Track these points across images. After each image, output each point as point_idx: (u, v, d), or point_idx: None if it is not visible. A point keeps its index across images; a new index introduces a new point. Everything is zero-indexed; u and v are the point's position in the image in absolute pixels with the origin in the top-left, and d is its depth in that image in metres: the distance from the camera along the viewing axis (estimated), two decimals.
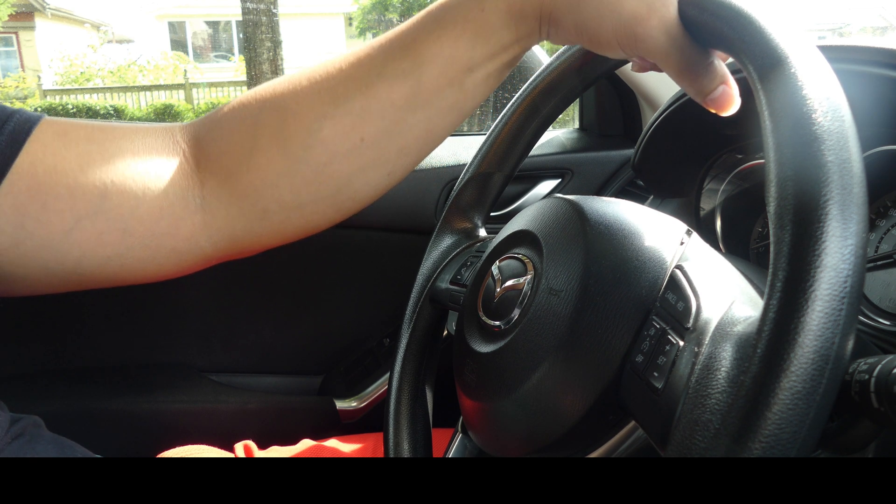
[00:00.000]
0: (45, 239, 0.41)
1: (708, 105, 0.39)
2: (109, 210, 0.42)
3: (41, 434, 0.48)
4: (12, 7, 13.07)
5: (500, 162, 0.56)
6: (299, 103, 0.44)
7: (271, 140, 0.44)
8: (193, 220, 0.45)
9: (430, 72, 0.43)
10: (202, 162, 0.45)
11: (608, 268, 0.37)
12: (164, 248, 0.45)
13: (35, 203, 0.41)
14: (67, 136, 0.43)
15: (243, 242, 0.47)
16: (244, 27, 7.42)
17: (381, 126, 0.44)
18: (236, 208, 0.45)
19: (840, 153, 0.26)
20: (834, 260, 0.24)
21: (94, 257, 0.43)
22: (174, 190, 0.44)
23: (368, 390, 1.03)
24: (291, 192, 0.45)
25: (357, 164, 0.45)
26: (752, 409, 0.24)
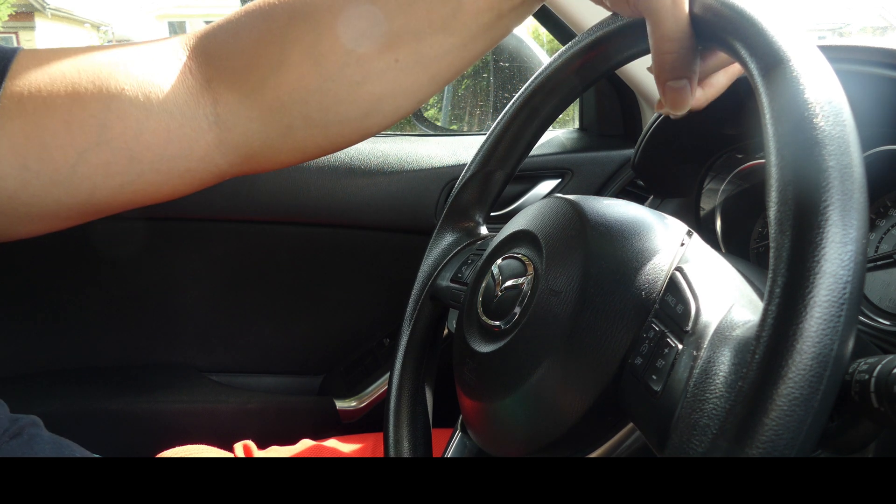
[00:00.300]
0: (52, 176, 0.40)
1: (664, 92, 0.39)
2: (112, 139, 0.41)
3: (39, 434, 0.48)
4: (12, 7, 13.07)
5: (502, 160, 0.56)
6: (336, 18, 0.42)
7: (304, 55, 0.42)
8: (207, 139, 0.43)
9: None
10: (215, 78, 0.43)
11: (608, 268, 0.37)
12: (177, 169, 0.43)
13: (33, 142, 0.39)
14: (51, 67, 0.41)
15: (261, 158, 0.46)
16: None
17: (416, 48, 0.43)
18: (258, 123, 0.44)
19: (841, 158, 0.26)
20: (833, 266, 0.24)
21: (105, 187, 0.42)
22: (181, 110, 0.42)
23: (368, 390, 1.03)
24: (320, 110, 0.44)
25: (389, 87, 0.44)
26: (750, 415, 0.24)
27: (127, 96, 0.41)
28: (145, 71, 0.42)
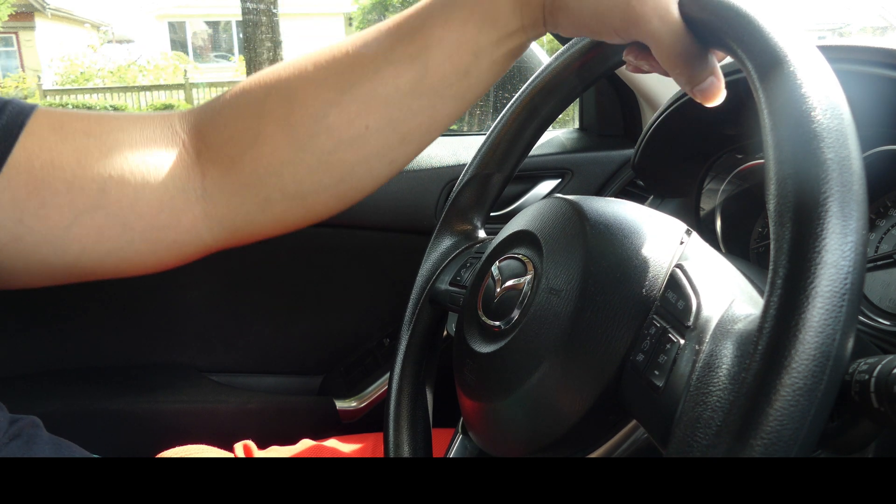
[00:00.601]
0: (45, 234, 0.41)
1: (695, 95, 0.39)
2: (109, 205, 0.42)
3: (39, 435, 0.48)
4: (12, 7, 13.08)
5: (500, 162, 0.56)
6: (306, 90, 0.44)
7: (277, 127, 0.43)
8: (194, 212, 0.44)
9: (437, 56, 0.43)
10: (203, 151, 0.45)
11: (608, 267, 0.37)
12: (165, 240, 0.44)
13: (33, 199, 0.40)
14: (64, 128, 0.42)
15: (244, 232, 0.47)
16: (244, 27, 7.43)
17: (387, 113, 0.44)
18: (238, 198, 0.45)
19: (840, 151, 0.26)
20: (834, 257, 0.24)
21: (95, 251, 0.43)
22: (174, 182, 0.44)
23: (368, 390, 1.03)
24: (295, 181, 0.45)
25: (361, 153, 0.45)
26: (754, 406, 0.24)
27: (128, 164, 0.43)
28: (147, 141, 0.44)
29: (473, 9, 0.42)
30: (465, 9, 0.43)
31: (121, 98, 10.53)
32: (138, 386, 0.99)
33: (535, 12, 0.42)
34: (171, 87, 10.94)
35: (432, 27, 0.43)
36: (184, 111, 0.47)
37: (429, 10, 0.44)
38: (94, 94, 10.73)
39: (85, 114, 0.45)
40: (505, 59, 0.45)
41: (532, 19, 0.43)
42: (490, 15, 0.42)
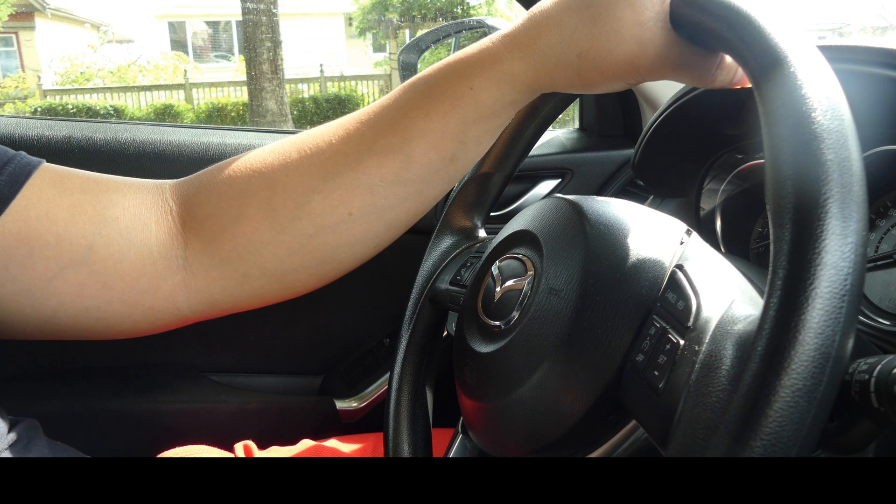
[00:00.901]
0: (27, 284, 0.41)
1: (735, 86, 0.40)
2: (94, 263, 0.42)
3: (37, 439, 0.48)
4: (12, 7, 13.07)
5: (500, 162, 0.56)
6: (289, 176, 0.44)
7: (258, 210, 0.44)
8: (174, 280, 0.45)
9: (420, 147, 0.43)
10: (188, 222, 0.45)
11: (608, 267, 0.37)
12: (142, 305, 0.45)
13: (23, 247, 0.41)
14: (63, 184, 0.43)
15: (221, 304, 0.47)
16: (244, 27, 7.43)
17: (370, 201, 0.44)
18: (217, 271, 0.45)
19: (840, 152, 0.26)
20: (834, 258, 0.24)
21: (71, 308, 0.43)
22: (158, 248, 0.44)
23: (368, 390, 1.03)
24: (274, 261, 0.45)
25: (344, 238, 0.45)
26: (753, 407, 0.24)
27: (118, 225, 0.43)
28: (138, 205, 0.45)
29: (454, 102, 0.42)
30: (446, 101, 0.42)
31: (121, 98, 10.52)
32: (138, 386, 0.99)
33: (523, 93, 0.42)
34: (171, 87, 10.94)
35: (413, 119, 0.42)
36: (175, 181, 0.47)
37: (409, 101, 0.43)
38: (94, 94, 10.73)
39: (83, 173, 0.45)
40: (492, 135, 0.44)
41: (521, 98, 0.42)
42: (473, 107, 0.42)
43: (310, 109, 9.83)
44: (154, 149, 0.91)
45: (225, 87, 10.69)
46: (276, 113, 7.62)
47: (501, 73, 0.41)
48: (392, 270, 1.04)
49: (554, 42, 0.39)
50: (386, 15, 13.17)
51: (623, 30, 0.37)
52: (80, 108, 9.69)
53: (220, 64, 16.35)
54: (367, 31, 14.17)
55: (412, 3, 12.91)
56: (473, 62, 0.41)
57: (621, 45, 0.37)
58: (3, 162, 0.41)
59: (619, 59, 0.38)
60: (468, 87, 0.41)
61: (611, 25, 0.37)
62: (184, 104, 10.14)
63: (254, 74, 7.46)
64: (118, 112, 9.77)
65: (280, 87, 7.61)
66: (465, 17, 1.13)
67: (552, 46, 0.39)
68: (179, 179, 0.48)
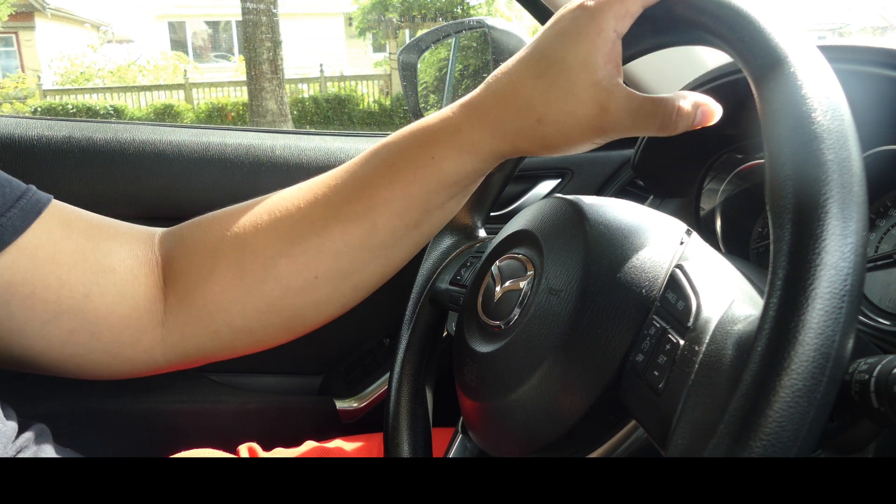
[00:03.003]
0: (22, 324, 0.42)
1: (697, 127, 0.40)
2: (87, 312, 0.43)
3: (46, 446, 0.48)
4: (12, 7, 13.07)
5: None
6: (258, 238, 0.45)
7: (227, 270, 0.45)
8: (154, 335, 0.46)
9: (384, 215, 0.43)
10: (167, 278, 0.46)
11: (608, 267, 0.37)
12: (123, 356, 0.45)
13: (26, 286, 0.41)
14: (70, 226, 0.44)
15: (193, 357, 0.48)
16: (244, 27, 7.43)
17: (335, 265, 0.44)
18: (190, 328, 0.46)
19: (840, 152, 0.26)
20: (834, 258, 0.24)
21: (57, 353, 0.44)
22: (144, 303, 0.45)
23: (368, 390, 1.03)
24: (242, 319, 0.46)
25: (311, 299, 0.46)
26: (753, 408, 0.24)
27: (114, 276, 0.44)
28: (132, 256, 0.45)
29: (417, 172, 0.42)
30: (409, 171, 0.42)
31: (121, 98, 10.52)
32: (138, 386, 0.99)
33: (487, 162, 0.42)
34: (171, 87, 10.94)
35: (377, 188, 0.43)
36: (165, 231, 0.48)
37: (373, 168, 0.44)
38: (93, 94, 10.72)
39: (88, 216, 0.46)
40: (458, 203, 0.45)
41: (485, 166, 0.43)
42: (435, 176, 0.42)
43: (310, 109, 9.83)
44: (154, 149, 0.91)
45: (225, 87, 10.69)
46: (276, 113, 7.62)
47: (462, 143, 0.41)
48: None
49: (511, 110, 0.39)
50: (386, 15, 13.17)
51: (580, 92, 0.37)
52: (79, 108, 9.69)
53: (220, 64, 16.35)
54: (367, 31, 14.17)
55: (412, 3, 12.91)
56: (435, 132, 0.42)
57: (581, 107, 0.38)
58: (16, 196, 0.42)
59: (581, 121, 0.38)
60: (430, 156, 0.42)
61: (567, 89, 0.37)
62: (184, 104, 10.13)
63: (254, 74, 7.46)
64: (118, 112, 9.77)
65: (280, 87, 7.61)
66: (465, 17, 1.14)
67: (509, 114, 0.39)
68: (167, 229, 0.48)
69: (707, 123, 0.39)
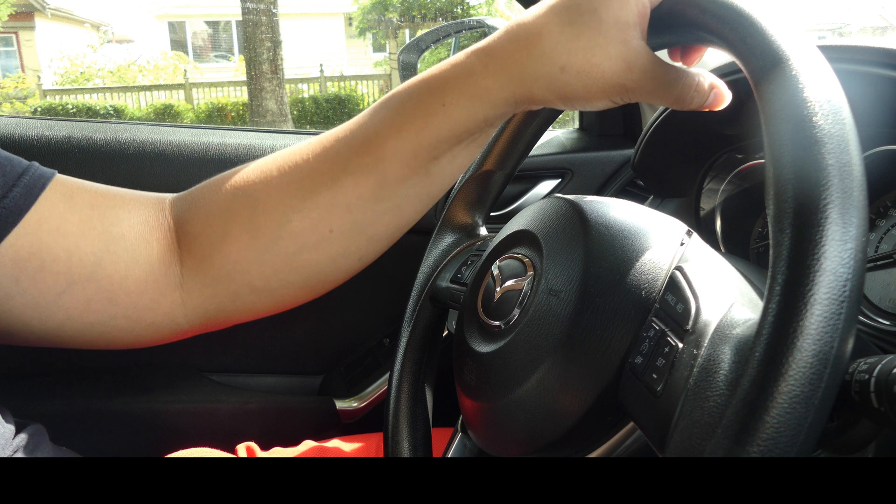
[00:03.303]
0: (36, 298, 0.42)
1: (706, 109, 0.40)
2: (101, 279, 0.43)
3: (43, 444, 0.48)
4: (12, 7, 13.07)
5: (501, 161, 0.56)
6: (269, 195, 0.44)
7: (242, 230, 0.44)
8: (173, 297, 0.45)
9: (394, 164, 0.43)
10: (182, 240, 0.46)
11: (608, 268, 0.37)
12: (144, 320, 0.45)
13: (34, 260, 0.41)
14: (74, 198, 0.43)
15: (217, 319, 0.48)
16: (244, 27, 7.43)
17: (349, 218, 0.44)
18: (210, 290, 0.46)
19: (840, 156, 0.26)
20: (833, 264, 0.24)
21: (78, 322, 0.43)
22: (159, 266, 0.45)
23: (368, 390, 1.03)
24: (261, 279, 0.45)
25: (327, 254, 0.45)
26: (751, 413, 0.24)
27: (125, 243, 0.44)
28: (142, 222, 0.45)
29: (427, 119, 0.41)
30: (419, 119, 0.41)
31: (121, 98, 10.52)
32: (138, 386, 0.99)
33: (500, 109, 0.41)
34: (171, 87, 10.94)
35: (386, 138, 0.42)
36: (175, 196, 0.48)
37: (382, 119, 0.43)
38: (93, 94, 10.72)
39: (92, 186, 0.46)
40: (470, 153, 0.44)
41: (498, 115, 0.42)
42: (446, 124, 0.41)
43: (310, 109, 9.83)
44: (154, 149, 0.91)
45: (225, 87, 10.68)
46: (276, 113, 7.61)
47: (475, 89, 0.40)
48: (392, 270, 1.04)
49: (534, 55, 0.39)
50: (386, 15, 13.16)
51: (609, 47, 0.37)
52: (80, 108, 9.69)
53: (219, 64, 16.35)
54: (367, 31, 14.17)
55: (412, 3, 12.91)
56: (446, 78, 0.41)
57: (607, 61, 0.37)
58: (18, 173, 0.42)
59: (606, 76, 0.38)
60: (440, 103, 0.41)
61: (596, 41, 0.37)
62: (184, 104, 10.13)
63: (254, 74, 7.46)
64: (118, 112, 9.76)
65: (280, 87, 7.61)
66: (465, 16, 1.14)
67: (531, 60, 0.39)
68: (178, 194, 0.48)
69: (716, 106, 0.40)
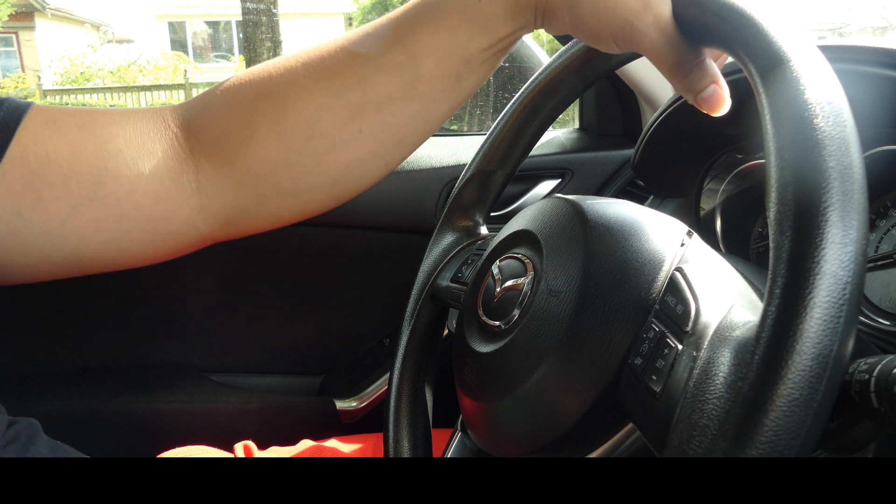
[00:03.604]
0: (43, 226, 0.41)
1: (699, 104, 0.39)
2: (104, 196, 0.42)
3: (37, 438, 0.48)
4: (12, 7, 13.07)
5: (502, 160, 0.56)
6: (298, 93, 0.44)
7: (269, 129, 0.44)
8: (190, 204, 0.45)
9: (427, 64, 0.43)
10: (196, 147, 0.45)
11: (608, 269, 0.37)
12: (161, 231, 0.45)
13: (30, 192, 0.41)
14: (57, 123, 0.43)
15: (240, 224, 0.47)
16: (244, 27, 7.43)
17: (379, 118, 0.44)
18: (233, 193, 0.45)
19: (841, 159, 0.26)
20: (833, 267, 0.24)
21: (92, 243, 0.43)
22: (169, 175, 0.44)
23: (368, 390, 1.03)
24: (290, 180, 0.45)
25: (355, 155, 0.45)
26: (750, 416, 0.24)
27: (123, 157, 0.43)
28: (140, 134, 0.44)
29: (462, 16, 0.42)
30: (453, 16, 0.42)
31: (121, 98, 10.52)
32: (138, 386, 0.99)
33: (526, 16, 0.42)
34: (171, 87, 10.94)
35: (421, 34, 0.43)
36: (174, 105, 0.47)
37: (417, 14, 0.43)
38: (94, 94, 10.73)
39: (77, 109, 0.45)
40: (495, 58, 0.45)
41: (523, 22, 0.43)
42: (479, 21, 0.42)
43: None
44: None
45: None
46: None
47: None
48: (392, 270, 1.04)
49: None
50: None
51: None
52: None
53: (220, 64, 16.35)
54: None
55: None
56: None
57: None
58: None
59: (619, 9, 0.38)
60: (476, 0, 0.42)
61: None
62: None
63: None
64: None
65: None
66: None
67: None
68: (178, 104, 0.47)
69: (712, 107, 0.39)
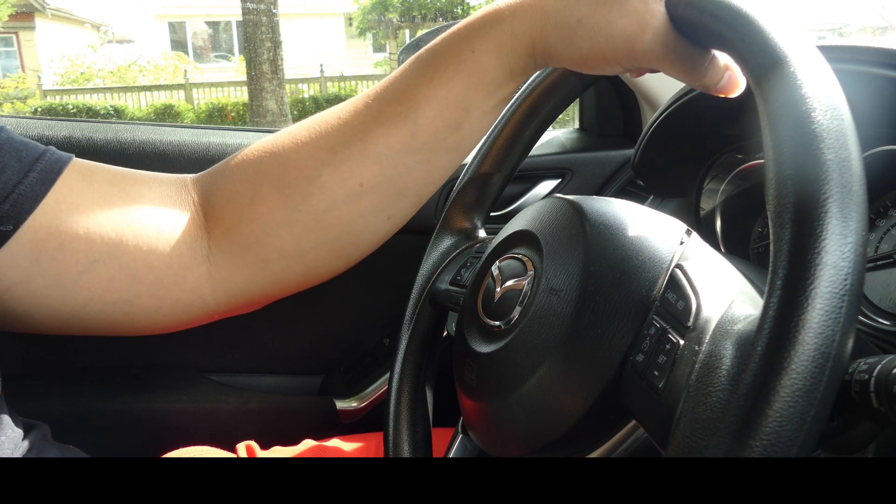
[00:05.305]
0: (57, 278, 0.41)
1: (717, 93, 0.40)
2: (122, 255, 0.42)
3: (46, 443, 0.48)
4: (12, 7, 13.07)
5: (500, 162, 0.56)
6: (299, 153, 0.44)
7: (271, 189, 0.44)
8: (199, 272, 0.45)
9: (426, 114, 0.43)
10: (209, 212, 0.46)
11: (608, 267, 0.37)
12: (170, 298, 0.45)
13: (53, 240, 0.41)
14: (92, 177, 0.43)
15: (246, 295, 0.47)
16: (244, 27, 7.43)
17: (380, 170, 0.44)
18: (239, 259, 0.45)
19: (839, 151, 0.26)
20: (834, 258, 0.24)
21: (101, 302, 0.43)
22: (184, 239, 0.44)
23: (368, 390, 1.03)
24: (292, 240, 0.45)
25: (357, 210, 0.45)
26: (753, 407, 0.24)
27: (146, 217, 0.43)
28: (164, 198, 0.45)
29: (457, 67, 0.42)
30: (449, 68, 0.42)
31: (121, 98, 10.53)
32: (138, 386, 0.99)
33: (523, 61, 0.42)
34: (171, 88, 10.94)
35: (417, 87, 0.43)
36: (198, 175, 0.48)
37: (412, 72, 0.44)
38: (94, 95, 10.73)
39: (111, 167, 0.45)
40: (496, 108, 0.45)
41: (521, 67, 0.43)
42: (475, 71, 0.42)
43: (310, 109, 9.83)
44: (154, 149, 0.91)
45: (225, 87, 10.69)
46: (276, 113, 7.61)
47: (502, 35, 0.41)
48: (392, 271, 1.04)
49: (558, 5, 0.39)
50: (386, 15, 13.17)
51: (627, 4, 0.37)
52: (80, 109, 9.70)
53: (220, 64, 16.36)
54: (367, 31, 14.18)
55: (412, 3, 12.91)
56: (475, 25, 0.42)
57: (622, 19, 0.37)
58: (34, 158, 0.42)
59: (617, 34, 0.38)
60: (470, 50, 0.42)
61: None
62: (184, 104, 10.14)
63: (254, 74, 7.46)
64: (118, 112, 9.77)
65: (280, 88, 7.61)
66: (465, 16, 1.14)
67: (556, 9, 0.39)
68: (201, 173, 0.48)
69: (730, 92, 0.39)
